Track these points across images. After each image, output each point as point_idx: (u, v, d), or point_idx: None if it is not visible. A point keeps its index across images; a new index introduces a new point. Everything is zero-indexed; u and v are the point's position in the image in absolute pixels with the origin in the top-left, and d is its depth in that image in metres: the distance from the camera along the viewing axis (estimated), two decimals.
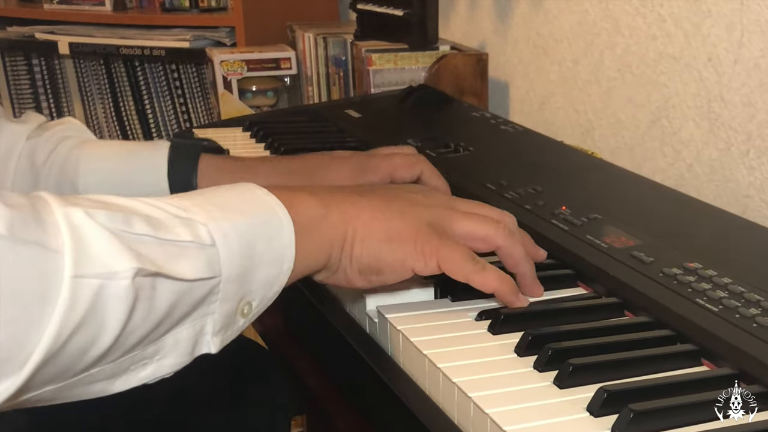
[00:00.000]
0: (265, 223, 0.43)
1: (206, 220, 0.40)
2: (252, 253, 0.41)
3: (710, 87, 0.88)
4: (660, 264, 0.53)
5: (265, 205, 0.43)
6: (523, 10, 1.19)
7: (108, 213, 0.37)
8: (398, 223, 0.47)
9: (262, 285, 0.43)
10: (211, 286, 0.40)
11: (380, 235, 0.47)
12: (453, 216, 0.50)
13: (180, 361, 0.41)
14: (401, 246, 0.47)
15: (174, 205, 0.41)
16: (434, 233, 0.48)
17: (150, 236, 0.37)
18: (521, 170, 0.74)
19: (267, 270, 0.42)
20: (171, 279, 0.38)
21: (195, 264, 0.39)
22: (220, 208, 0.42)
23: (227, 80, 1.42)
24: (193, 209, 0.41)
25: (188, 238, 0.39)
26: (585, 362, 0.43)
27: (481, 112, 0.95)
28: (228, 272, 0.40)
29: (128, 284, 0.35)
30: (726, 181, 0.87)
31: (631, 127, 1.01)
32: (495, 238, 0.50)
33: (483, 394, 0.41)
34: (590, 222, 0.61)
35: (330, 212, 0.46)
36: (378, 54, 1.15)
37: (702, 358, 0.46)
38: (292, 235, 0.43)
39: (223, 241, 0.40)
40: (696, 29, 0.89)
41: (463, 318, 0.50)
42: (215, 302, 0.40)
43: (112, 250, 0.35)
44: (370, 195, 0.49)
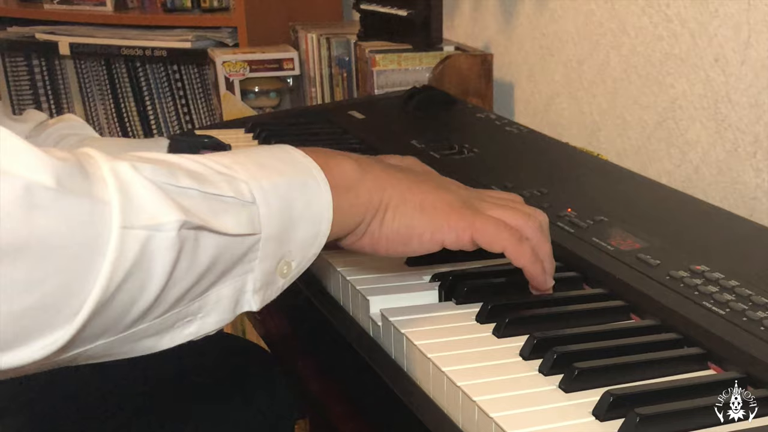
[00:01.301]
0: (303, 183, 0.43)
1: (247, 178, 0.41)
2: (290, 212, 0.42)
3: (717, 88, 0.88)
4: (666, 267, 0.53)
5: (302, 166, 0.44)
6: (528, 11, 1.18)
7: (154, 167, 0.37)
8: (433, 196, 0.48)
9: (301, 245, 0.43)
10: (251, 242, 0.40)
11: (414, 204, 0.47)
12: (486, 203, 0.50)
13: (223, 318, 0.41)
14: (434, 217, 0.47)
15: (216, 161, 0.41)
16: (467, 209, 0.48)
17: (194, 189, 0.38)
18: (526, 172, 0.74)
19: (305, 230, 0.43)
20: (214, 233, 0.38)
21: (237, 219, 0.39)
22: (259, 166, 0.42)
23: (229, 81, 1.42)
24: (234, 167, 0.41)
25: (230, 193, 0.39)
26: (591, 366, 0.43)
27: (485, 113, 0.95)
28: (267, 230, 0.41)
29: (174, 236, 0.36)
30: (733, 183, 0.87)
31: (637, 128, 1.00)
32: (525, 229, 0.50)
33: (488, 398, 0.41)
34: (596, 224, 0.60)
35: (366, 177, 0.47)
36: (382, 54, 1.15)
37: (709, 362, 0.46)
38: (329, 196, 0.44)
39: (263, 199, 0.41)
40: (703, 29, 0.88)
41: (467, 321, 0.49)
42: (255, 260, 0.41)
43: (159, 203, 0.36)
44: (406, 170, 0.50)
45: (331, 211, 0.44)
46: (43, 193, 0.33)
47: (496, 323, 0.48)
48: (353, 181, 0.46)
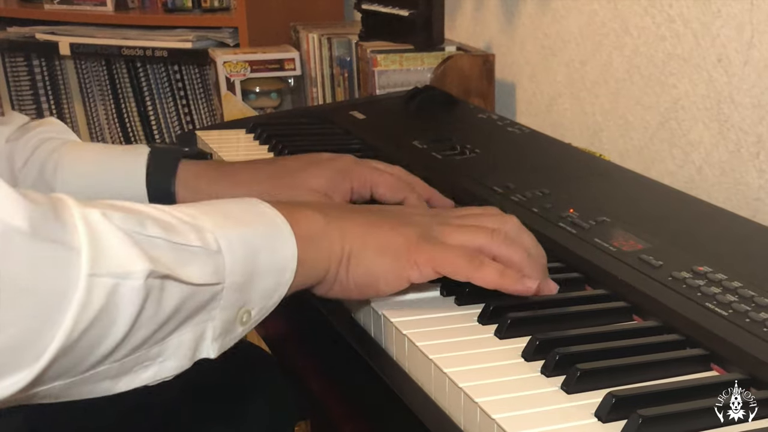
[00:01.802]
0: (269, 234, 0.44)
1: (213, 228, 0.42)
2: (255, 262, 0.43)
3: (720, 88, 0.87)
4: (669, 267, 0.53)
5: (268, 218, 0.45)
6: (530, 11, 1.18)
7: (123, 215, 0.38)
8: (391, 235, 0.49)
9: (262, 295, 0.44)
10: (214, 292, 0.41)
11: (374, 248, 0.48)
12: (446, 229, 0.51)
13: (181, 364, 0.42)
14: (395, 258, 0.48)
15: (183, 212, 0.42)
16: (426, 242, 0.49)
17: (162, 239, 0.39)
18: (528, 173, 0.73)
19: (268, 280, 0.44)
20: (179, 282, 0.39)
21: (202, 269, 0.40)
22: (226, 217, 0.43)
23: (230, 81, 1.41)
24: (201, 217, 0.42)
25: (197, 243, 0.40)
26: (593, 367, 0.43)
27: (487, 114, 0.94)
28: (231, 280, 0.42)
29: (141, 284, 0.37)
30: (736, 183, 0.86)
31: (639, 129, 1.00)
32: (490, 247, 0.50)
33: (489, 400, 0.41)
34: (598, 225, 0.60)
35: (329, 227, 0.48)
36: (383, 55, 1.15)
37: (711, 363, 0.46)
38: (294, 247, 0.45)
39: (229, 248, 0.41)
40: (705, 30, 0.88)
41: (469, 322, 0.49)
42: (216, 308, 0.42)
43: (127, 251, 0.37)
44: (365, 212, 0.51)
45: (295, 262, 0.45)
46: (17, 238, 0.34)
47: (497, 324, 0.48)
48: (318, 231, 0.47)
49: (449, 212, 0.56)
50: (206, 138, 0.90)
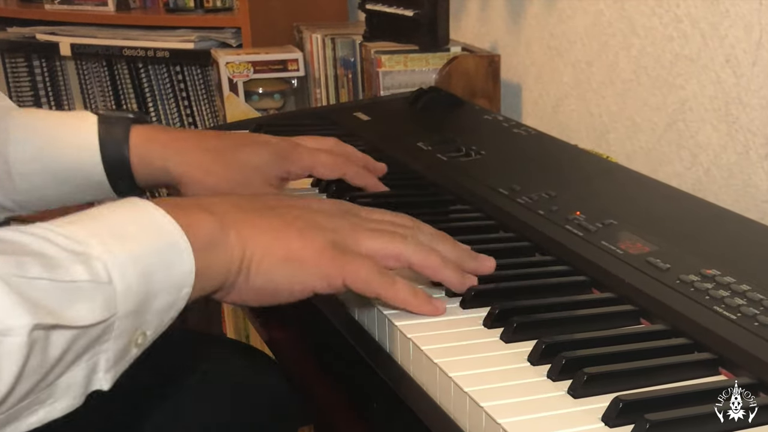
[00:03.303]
0: (165, 250, 0.41)
1: (102, 254, 0.39)
2: (150, 283, 0.40)
3: (728, 89, 0.87)
4: (677, 271, 0.53)
5: (163, 230, 0.42)
6: (536, 11, 1.18)
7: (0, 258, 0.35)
8: (297, 243, 0.46)
9: (158, 314, 0.42)
10: (106, 326, 0.38)
11: (278, 256, 0.46)
12: (358, 235, 0.49)
13: (72, 404, 0.39)
14: (301, 269, 0.46)
15: (69, 236, 0.39)
16: (338, 252, 0.47)
17: (45, 279, 0.36)
18: (534, 174, 0.73)
19: (164, 299, 0.41)
20: (66, 328, 0.36)
21: (91, 306, 0.37)
22: (116, 237, 0.40)
23: (233, 82, 1.41)
24: (89, 241, 0.39)
25: (84, 276, 0.37)
26: (600, 371, 0.42)
27: (493, 115, 0.94)
28: (124, 308, 0.39)
29: (23, 340, 0.34)
30: (745, 185, 0.86)
31: (646, 131, 0.99)
32: (405, 253, 0.49)
33: (495, 404, 0.40)
34: (605, 227, 0.60)
35: (227, 233, 0.45)
36: (387, 55, 1.14)
37: (720, 367, 0.45)
38: (191, 261, 0.42)
39: (121, 276, 0.39)
40: (713, 30, 0.88)
41: (474, 326, 0.49)
42: (109, 340, 0.39)
43: (6, 304, 0.34)
44: (270, 214, 0.48)
45: (192, 277, 0.42)
46: None
47: (503, 328, 0.48)
48: (215, 238, 0.44)
49: (361, 211, 0.52)
50: None
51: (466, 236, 0.61)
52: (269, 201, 0.50)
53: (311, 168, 0.67)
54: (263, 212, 0.48)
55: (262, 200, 0.50)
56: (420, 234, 0.51)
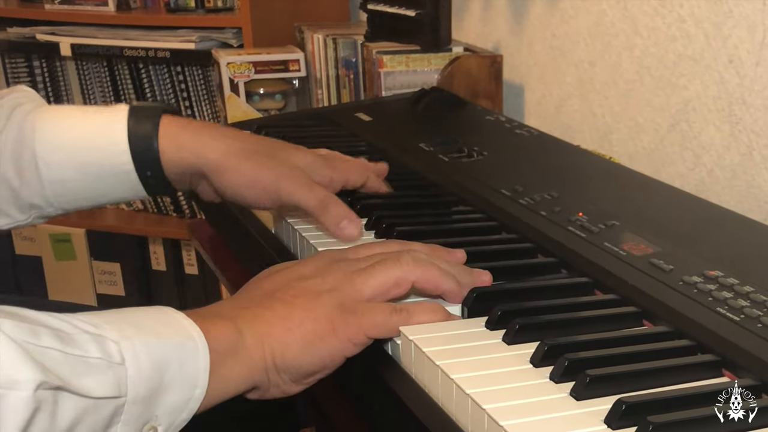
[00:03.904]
0: (180, 346, 0.42)
1: (117, 338, 0.40)
2: (162, 375, 0.41)
3: (731, 90, 0.86)
4: (680, 272, 0.52)
5: (181, 328, 0.43)
6: (538, 11, 1.18)
7: (14, 323, 0.36)
8: (310, 324, 0.46)
9: (170, 410, 0.42)
10: (116, 405, 0.39)
11: (298, 344, 0.46)
12: (356, 283, 0.48)
13: None
14: (323, 344, 0.47)
15: (85, 321, 0.40)
16: (348, 314, 0.47)
17: (57, 350, 0.37)
18: (537, 175, 0.73)
19: (177, 395, 0.42)
20: (75, 395, 0.37)
21: (102, 381, 0.38)
22: (133, 326, 0.41)
23: (234, 83, 1.41)
24: (105, 326, 0.40)
25: (97, 354, 0.38)
26: (603, 373, 0.42)
27: (495, 116, 0.94)
28: (134, 393, 0.39)
29: (29, 395, 0.35)
30: (748, 186, 0.86)
31: (649, 131, 0.99)
32: (406, 276, 0.49)
33: (497, 406, 0.40)
34: (608, 229, 0.60)
35: (244, 336, 0.45)
36: (389, 56, 1.14)
37: (723, 369, 0.45)
38: (207, 360, 0.43)
39: (133, 360, 0.39)
40: (717, 30, 0.87)
41: (477, 327, 0.49)
42: (118, 423, 0.39)
43: (15, 360, 0.35)
44: (271, 302, 0.48)
45: (207, 375, 0.43)
46: None
47: (505, 330, 0.48)
48: (232, 343, 0.45)
49: (348, 254, 0.52)
50: None
51: (467, 237, 0.61)
52: (265, 286, 0.49)
53: (347, 177, 0.67)
54: (265, 302, 0.48)
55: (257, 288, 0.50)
56: (412, 252, 0.51)
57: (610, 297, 0.53)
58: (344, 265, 0.50)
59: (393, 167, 0.74)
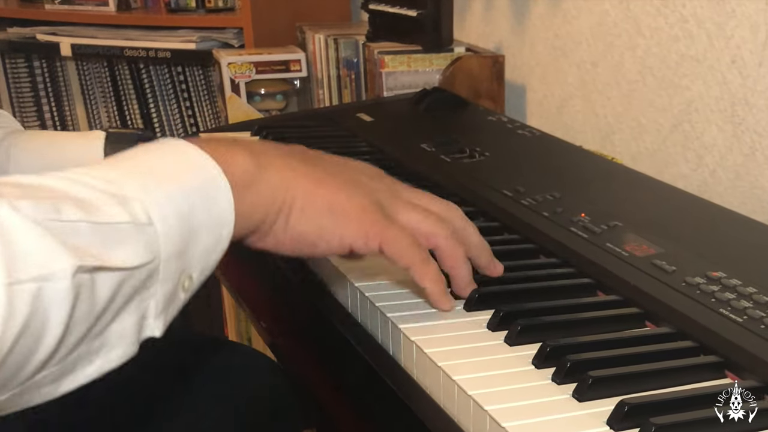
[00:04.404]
0: (202, 187, 0.40)
1: (140, 194, 0.38)
2: (190, 224, 0.39)
3: (734, 90, 0.86)
4: (682, 273, 0.52)
5: (199, 166, 0.41)
6: (540, 11, 1.17)
7: (34, 202, 0.34)
8: (343, 196, 0.45)
9: (202, 255, 0.40)
10: (152, 268, 0.38)
11: (322, 205, 0.45)
12: (399, 203, 0.48)
13: (126, 351, 0.38)
14: (345, 221, 0.45)
15: (104, 177, 0.38)
16: (381, 214, 0.46)
17: (84, 221, 0.35)
18: (539, 176, 0.73)
19: (207, 238, 0.40)
20: (111, 270, 0.35)
21: (134, 248, 0.36)
22: (151, 175, 0.39)
23: (235, 83, 1.41)
24: (124, 181, 0.38)
25: (124, 218, 0.36)
26: (605, 374, 0.42)
27: (497, 116, 0.94)
28: (167, 251, 0.38)
29: (68, 284, 0.33)
30: (751, 187, 0.85)
31: (652, 132, 0.99)
32: (438, 237, 0.48)
33: (499, 407, 0.40)
34: (610, 229, 0.59)
35: (268, 173, 0.44)
36: (391, 56, 1.14)
37: (726, 370, 0.45)
38: (230, 197, 0.41)
39: (160, 216, 0.38)
40: (719, 30, 0.87)
41: (478, 328, 0.49)
42: (156, 284, 0.38)
43: (47, 248, 0.33)
44: (312, 163, 0.46)
45: (233, 213, 0.41)
46: None
47: (507, 331, 0.47)
48: (254, 177, 0.43)
49: (395, 182, 0.51)
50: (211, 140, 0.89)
51: None
52: (308, 151, 0.48)
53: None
54: (304, 159, 0.46)
55: (300, 149, 0.49)
56: (455, 220, 0.50)
57: (613, 298, 0.52)
58: (393, 185, 0.50)
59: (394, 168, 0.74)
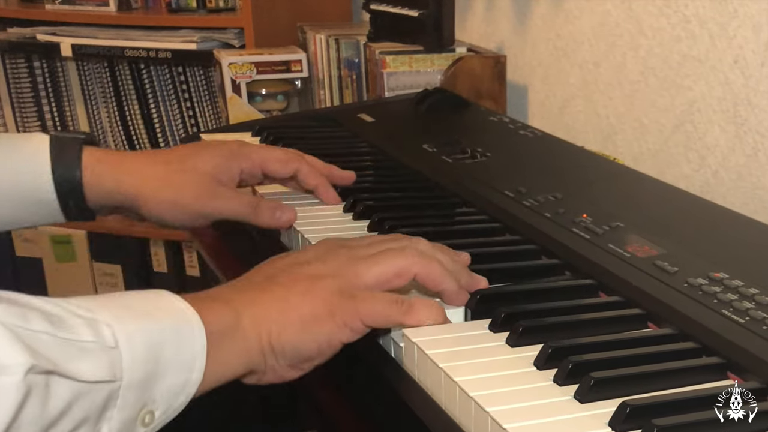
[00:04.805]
0: (175, 328, 0.41)
1: (111, 321, 0.39)
2: (158, 358, 0.40)
3: (737, 90, 0.86)
4: (684, 274, 0.52)
5: (177, 310, 0.42)
6: (542, 11, 1.17)
7: (3, 307, 0.36)
8: (307, 306, 0.46)
9: (167, 394, 0.41)
10: (110, 390, 0.38)
11: (295, 326, 0.46)
12: (358, 270, 0.48)
13: None
14: (320, 328, 0.46)
15: (77, 305, 0.39)
16: (347, 298, 0.47)
17: (48, 333, 0.36)
18: (540, 177, 0.72)
19: (173, 378, 0.41)
20: (67, 378, 0.36)
21: (95, 365, 0.37)
22: (127, 309, 0.40)
23: (236, 83, 1.40)
24: (98, 310, 0.39)
25: (90, 338, 0.37)
26: (607, 376, 0.42)
27: (498, 117, 0.94)
28: (129, 377, 0.39)
29: (19, 380, 0.34)
30: (753, 188, 0.85)
31: (654, 132, 0.99)
32: (409, 268, 0.49)
33: (501, 409, 0.40)
34: (612, 230, 0.59)
35: (241, 318, 0.45)
36: (392, 56, 1.14)
37: (728, 372, 0.45)
38: (203, 342, 0.42)
39: (127, 343, 0.39)
40: (722, 30, 0.87)
41: (480, 330, 0.48)
42: (114, 407, 0.39)
43: (4, 345, 0.34)
44: (271, 286, 0.47)
45: (204, 357, 0.42)
46: None
47: (509, 332, 0.47)
48: (228, 324, 0.44)
49: (350, 242, 0.52)
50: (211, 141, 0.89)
51: (471, 239, 0.61)
52: (266, 270, 0.50)
53: (262, 163, 0.67)
54: (263, 285, 0.48)
55: (259, 273, 0.50)
56: (418, 244, 0.51)
57: (615, 299, 0.52)
58: (346, 252, 0.50)
59: (396, 169, 0.74)
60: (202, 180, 0.64)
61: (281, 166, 0.67)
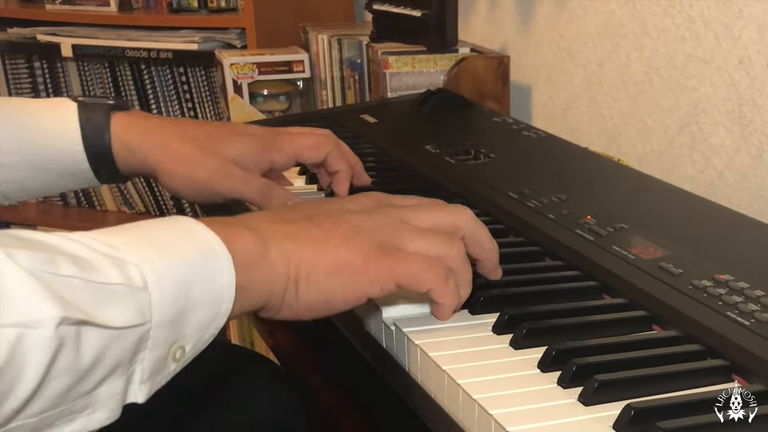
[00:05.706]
0: (203, 262, 0.40)
1: (139, 260, 0.38)
2: (187, 295, 0.39)
3: (742, 91, 0.86)
4: (689, 276, 0.52)
5: (203, 242, 0.41)
6: (546, 11, 1.17)
7: (30, 253, 0.35)
8: (344, 252, 0.45)
9: (197, 328, 0.40)
10: (141, 332, 0.38)
11: (326, 268, 0.45)
12: (404, 236, 0.47)
13: (111, 415, 0.38)
14: (351, 277, 0.45)
15: (103, 242, 0.38)
16: (384, 253, 0.46)
17: (77, 278, 0.35)
18: (544, 178, 0.72)
19: (203, 312, 0.40)
20: (98, 327, 0.35)
21: (125, 310, 0.36)
22: (154, 246, 0.39)
23: (237, 84, 1.40)
24: (124, 247, 0.38)
25: (118, 280, 0.37)
26: (611, 378, 0.42)
27: (502, 117, 0.93)
28: (159, 317, 0.38)
29: (51, 333, 0.33)
30: (759, 189, 0.85)
31: (659, 133, 0.98)
32: (447, 259, 0.47)
33: (505, 412, 0.40)
34: (616, 232, 0.59)
35: (269, 249, 0.44)
36: (395, 56, 1.14)
37: (733, 374, 0.44)
38: (232, 274, 0.41)
39: (157, 283, 0.38)
40: (727, 30, 0.87)
41: (483, 332, 0.48)
42: (145, 349, 0.38)
43: (35, 296, 0.33)
44: (308, 225, 0.46)
45: (233, 290, 0.41)
46: None
47: (513, 334, 0.47)
48: (257, 255, 0.43)
49: (395, 201, 0.51)
50: None
51: None
52: (306, 210, 0.49)
53: (296, 153, 0.67)
54: (301, 224, 0.46)
55: (298, 210, 0.49)
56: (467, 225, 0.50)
57: (619, 301, 0.52)
58: (392, 212, 0.49)
59: (399, 169, 0.74)
60: (222, 163, 0.64)
61: (315, 153, 0.67)
